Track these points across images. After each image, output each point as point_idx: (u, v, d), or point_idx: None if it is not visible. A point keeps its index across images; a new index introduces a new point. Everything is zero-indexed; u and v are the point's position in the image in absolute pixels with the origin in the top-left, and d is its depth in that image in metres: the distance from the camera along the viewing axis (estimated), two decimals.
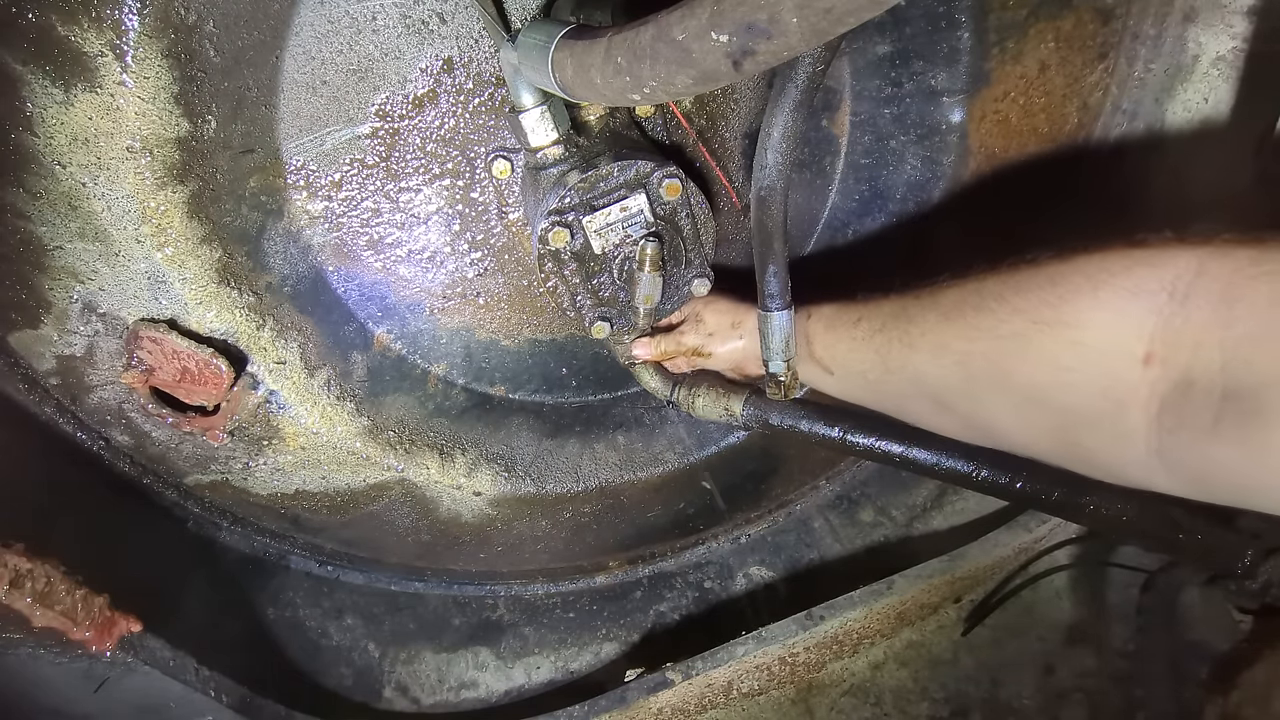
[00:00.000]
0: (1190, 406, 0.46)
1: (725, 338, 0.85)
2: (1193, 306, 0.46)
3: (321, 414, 0.86)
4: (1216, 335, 0.45)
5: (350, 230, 0.86)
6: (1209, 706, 0.93)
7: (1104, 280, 0.52)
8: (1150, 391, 0.48)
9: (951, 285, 0.64)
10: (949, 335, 0.62)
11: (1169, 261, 0.49)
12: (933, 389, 0.65)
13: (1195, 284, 0.46)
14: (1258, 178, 0.86)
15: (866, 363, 0.71)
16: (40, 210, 0.69)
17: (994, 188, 0.97)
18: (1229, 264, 0.46)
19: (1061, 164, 0.98)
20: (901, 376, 0.68)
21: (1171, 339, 0.47)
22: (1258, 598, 0.90)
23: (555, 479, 1.02)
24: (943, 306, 0.63)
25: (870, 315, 0.71)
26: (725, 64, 0.42)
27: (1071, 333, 0.52)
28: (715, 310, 0.86)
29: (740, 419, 0.87)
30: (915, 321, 0.65)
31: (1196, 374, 0.45)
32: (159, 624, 0.79)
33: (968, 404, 0.63)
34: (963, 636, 1.13)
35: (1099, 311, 0.51)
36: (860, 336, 0.71)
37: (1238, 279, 0.45)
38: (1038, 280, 0.56)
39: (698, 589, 1.21)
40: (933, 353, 0.63)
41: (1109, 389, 0.50)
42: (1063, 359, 0.53)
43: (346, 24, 0.76)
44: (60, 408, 0.82)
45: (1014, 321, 0.56)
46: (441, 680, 1.09)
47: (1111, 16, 0.89)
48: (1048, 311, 0.54)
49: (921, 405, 0.70)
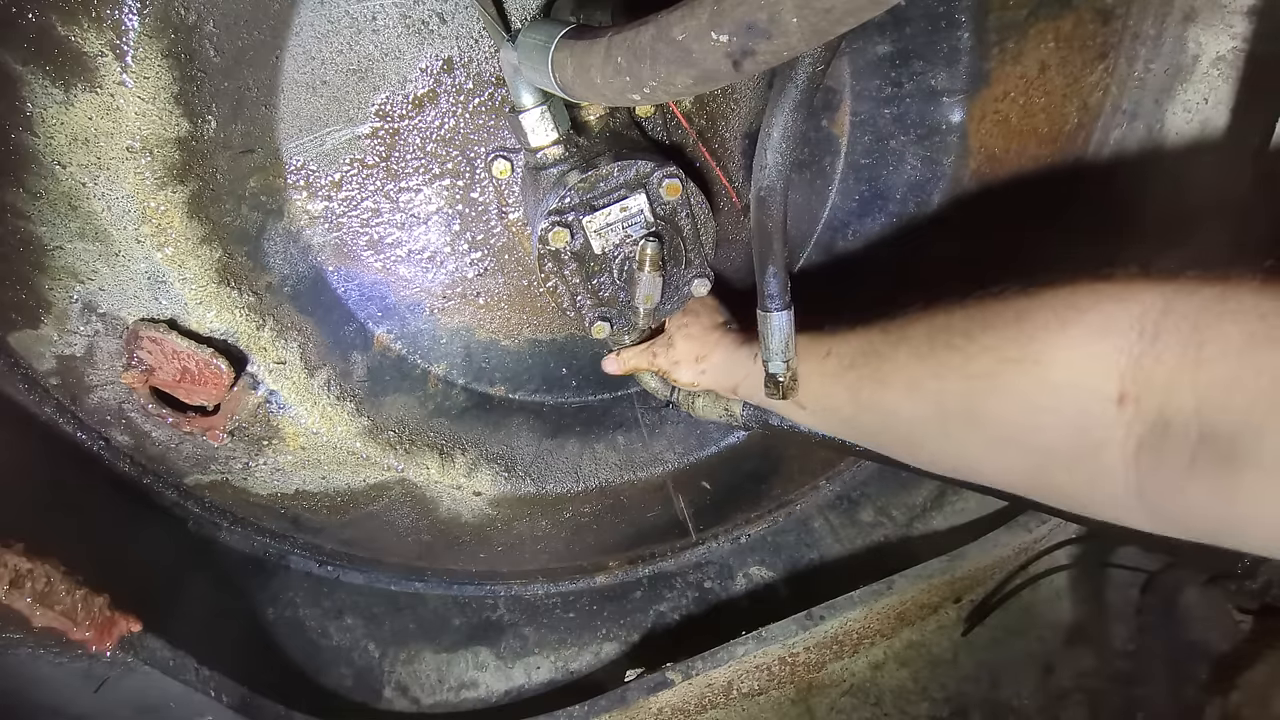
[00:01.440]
0: (1167, 448, 0.46)
1: (688, 368, 0.85)
2: (1162, 346, 0.46)
3: (321, 414, 0.86)
4: (1188, 378, 0.44)
5: (350, 230, 0.86)
6: (1209, 706, 0.93)
7: (1072, 318, 0.51)
8: (1127, 432, 0.48)
9: (920, 319, 0.63)
10: (920, 373, 0.61)
11: (1135, 297, 0.48)
12: (905, 428, 0.65)
13: (1163, 322, 0.46)
14: (1257, 178, 0.86)
15: (838, 399, 0.70)
16: (40, 210, 0.69)
17: (994, 188, 0.97)
18: (1195, 302, 0.46)
19: (1061, 164, 0.98)
20: (874, 414, 0.67)
21: (1144, 379, 0.46)
22: (1258, 598, 0.90)
23: (555, 479, 1.02)
24: (912, 342, 0.62)
25: (839, 349, 0.70)
26: (725, 64, 0.42)
27: (1041, 371, 0.52)
28: (686, 336, 0.86)
29: (740, 419, 0.87)
30: (886, 358, 0.65)
31: (1171, 415, 0.45)
32: (159, 624, 0.79)
33: (941, 443, 0.62)
34: (963, 636, 1.13)
35: (1068, 350, 0.51)
36: (830, 372, 0.70)
37: (1205, 319, 0.45)
38: (1005, 317, 0.56)
39: (698, 589, 1.21)
40: (905, 390, 0.62)
41: (1085, 429, 0.50)
42: (1035, 399, 0.52)
43: (346, 24, 0.76)
44: (60, 408, 0.82)
45: (982, 360, 0.56)
46: (441, 680, 1.09)
47: (1111, 16, 0.89)
48: (1015, 350, 0.53)
49: (895, 442, 0.69)
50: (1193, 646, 0.97)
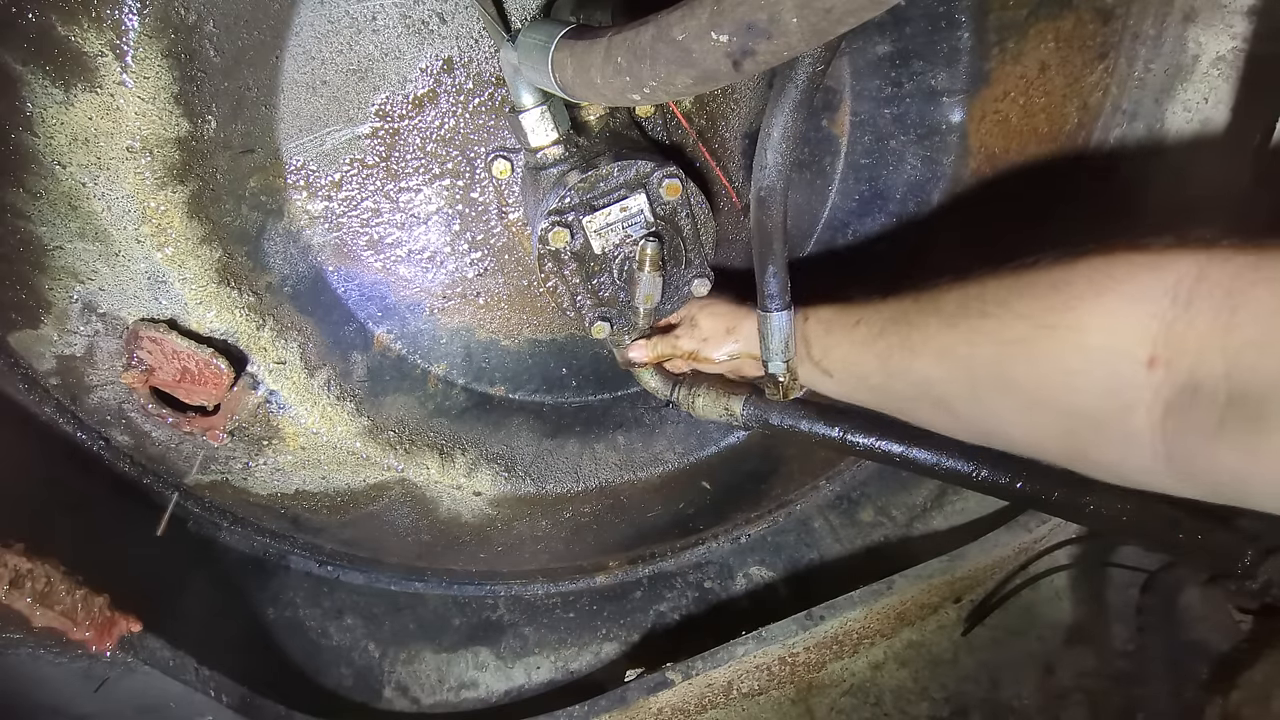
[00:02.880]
0: (1195, 410, 0.47)
1: (720, 342, 0.84)
2: (1195, 311, 0.47)
3: (321, 414, 0.86)
4: (1219, 341, 0.45)
5: (350, 230, 0.86)
6: (1209, 706, 0.93)
7: (1107, 285, 0.52)
8: (1155, 395, 0.49)
9: (952, 288, 0.64)
10: (952, 340, 0.62)
11: (1171, 266, 0.49)
12: (936, 392, 0.66)
13: (1197, 289, 0.47)
14: (1257, 178, 0.86)
15: (867, 366, 0.71)
16: (40, 210, 0.69)
17: (994, 188, 0.97)
18: (1230, 269, 0.47)
19: (1061, 164, 0.98)
20: (904, 380, 0.68)
21: (1175, 343, 0.47)
22: (1258, 598, 0.90)
23: (555, 479, 1.02)
24: (944, 311, 0.64)
25: (869, 318, 0.71)
26: (725, 64, 0.42)
27: (1076, 336, 0.53)
28: (711, 314, 0.86)
29: (740, 419, 0.87)
30: (917, 326, 0.66)
31: (1200, 378, 0.46)
32: (159, 624, 0.79)
33: (972, 407, 0.63)
34: (963, 636, 1.13)
35: (1103, 316, 0.52)
36: (860, 340, 0.71)
37: (1239, 285, 0.46)
38: (1041, 285, 0.57)
39: (698, 589, 1.21)
40: (936, 357, 0.64)
41: (1114, 391, 0.51)
42: (1068, 362, 0.53)
43: (346, 24, 0.76)
44: (60, 408, 0.82)
45: (1018, 326, 0.57)
46: (441, 680, 1.09)
47: (1111, 16, 0.89)
48: (1052, 316, 0.55)
49: (925, 408, 0.70)
50: (1193, 646, 0.97)
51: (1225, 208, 0.88)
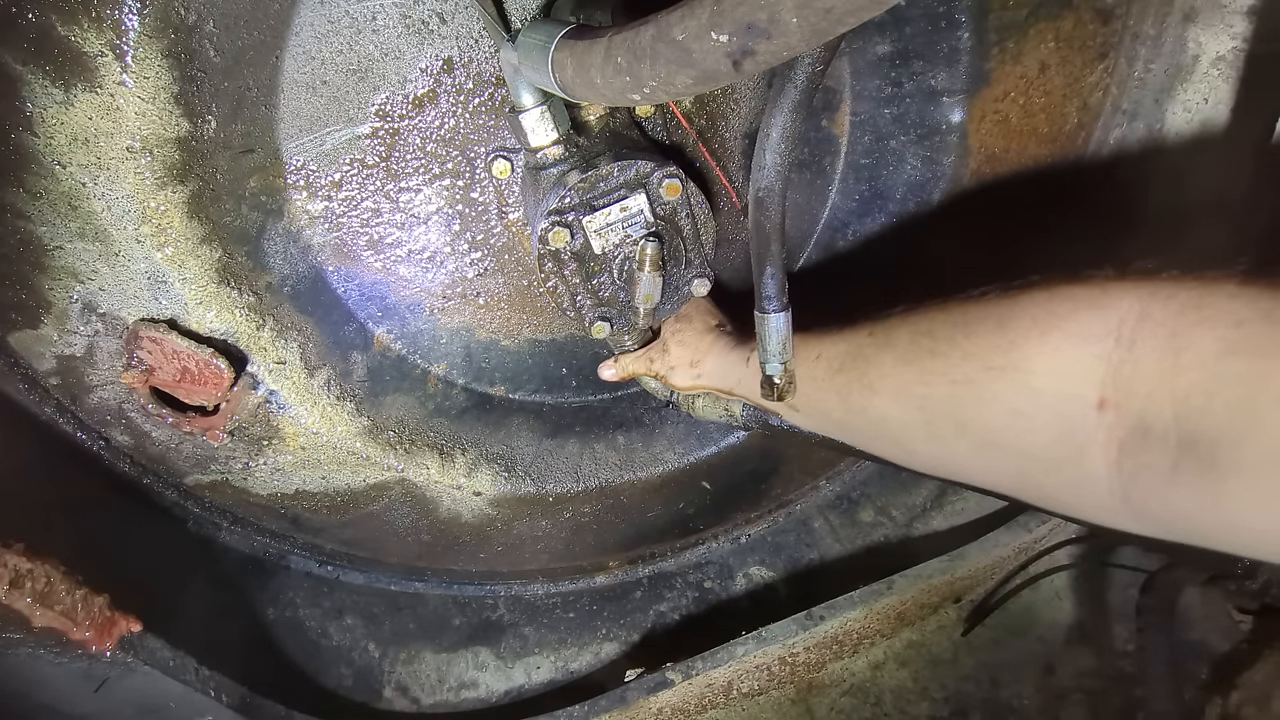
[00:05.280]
0: (1147, 453, 0.46)
1: (683, 372, 0.85)
2: (1140, 353, 0.46)
3: (321, 414, 0.86)
4: (1166, 384, 0.45)
5: (350, 230, 0.86)
6: (1209, 706, 0.93)
7: (1051, 324, 0.51)
8: (1108, 436, 0.48)
9: (905, 323, 0.64)
10: (906, 379, 0.61)
11: (1113, 303, 0.49)
12: (895, 432, 0.65)
13: (1140, 329, 0.46)
14: (1257, 178, 0.86)
15: (829, 403, 0.70)
16: (40, 210, 0.69)
17: (994, 188, 0.97)
18: (1172, 307, 0.46)
19: (1061, 164, 0.98)
20: (864, 418, 0.67)
21: (1123, 385, 0.47)
22: (1258, 598, 0.90)
23: (555, 479, 1.02)
24: (898, 348, 0.63)
25: (828, 353, 0.70)
26: (725, 64, 0.42)
27: (1023, 378, 0.52)
28: (679, 343, 0.86)
29: (740, 420, 0.87)
30: (873, 363, 0.65)
31: (1150, 421, 0.45)
32: (159, 624, 0.79)
33: (930, 447, 0.63)
34: (963, 636, 1.13)
35: (1049, 358, 0.51)
36: (820, 376, 0.70)
37: (1181, 325, 0.45)
38: (986, 323, 0.56)
39: (698, 589, 1.21)
40: (892, 397, 0.63)
41: (1066, 433, 0.50)
42: (1017, 404, 0.53)
43: (346, 24, 0.76)
44: (60, 408, 0.82)
45: (965, 366, 0.56)
46: (441, 680, 1.09)
47: (1111, 16, 0.89)
48: (998, 357, 0.54)
49: (885, 446, 0.69)
50: (1193, 646, 0.97)
51: (1225, 208, 0.88)
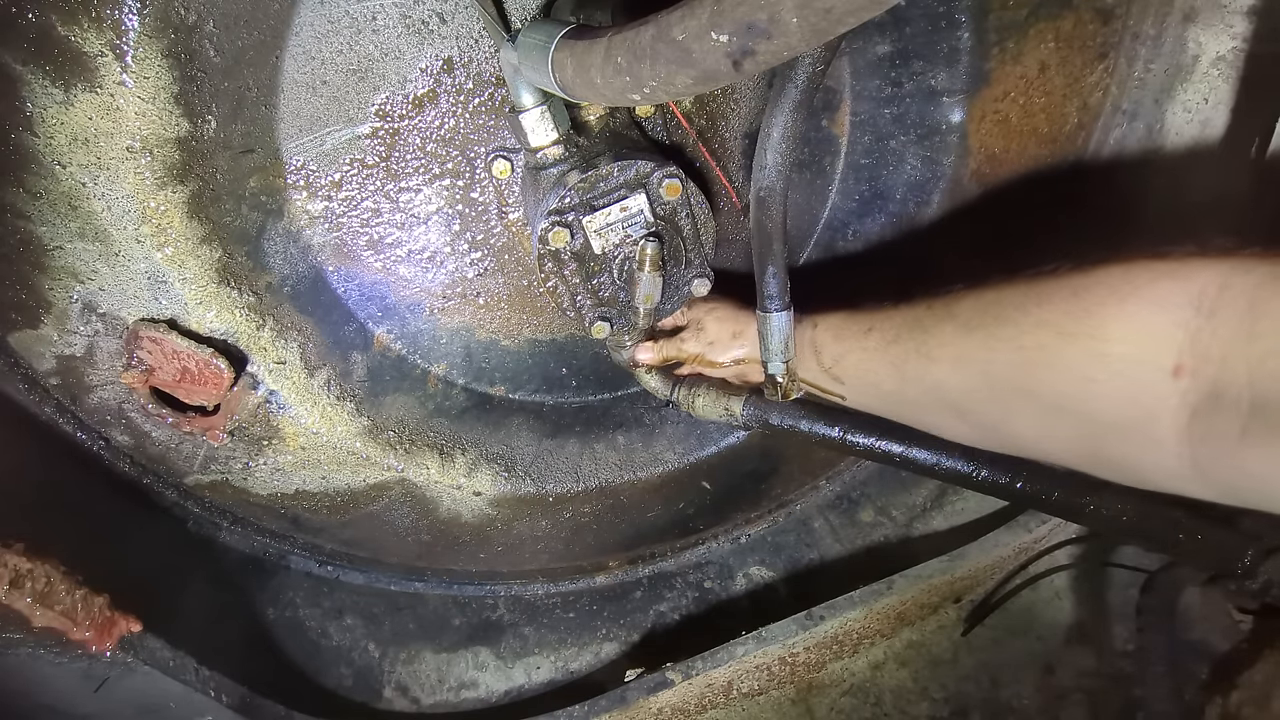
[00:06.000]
0: (1219, 417, 0.47)
1: (726, 346, 0.85)
2: (1219, 321, 0.47)
3: (321, 414, 0.86)
4: (1242, 350, 0.46)
5: (350, 230, 0.86)
6: (1209, 706, 0.93)
7: (1129, 293, 0.52)
8: (1180, 401, 0.49)
9: (968, 295, 0.64)
10: (969, 346, 0.62)
11: (1193, 275, 0.50)
12: (953, 399, 0.65)
13: (1220, 298, 0.48)
14: (1257, 178, 0.86)
15: (881, 373, 0.71)
16: (40, 210, 0.69)
17: (994, 188, 0.97)
18: (1252, 279, 0.47)
19: (1061, 164, 0.98)
20: (919, 387, 0.68)
21: (1200, 351, 0.48)
22: (1258, 598, 0.90)
23: (555, 479, 1.02)
24: (961, 317, 0.64)
25: (881, 325, 0.71)
26: (725, 64, 0.42)
27: (1098, 345, 0.53)
28: (716, 318, 0.86)
29: (740, 419, 0.87)
30: (932, 333, 0.66)
31: (1223, 387, 0.47)
32: (159, 624, 0.79)
33: (990, 413, 0.63)
34: (963, 636, 1.13)
35: (1126, 324, 0.52)
36: (873, 347, 0.71)
37: (1261, 294, 0.46)
38: (1061, 292, 0.57)
39: (698, 589, 1.21)
40: (953, 363, 0.64)
41: (1137, 399, 0.51)
42: (1089, 370, 0.54)
43: (346, 24, 0.76)
44: (60, 408, 0.82)
45: (1038, 333, 0.57)
46: (441, 680, 1.09)
47: (1111, 16, 0.89)
48: (1072, 324, 0.55)
49: (941, 415, 0.70)
50: (1193, 646, 0.97)
51: (1225, 208, 0.88)
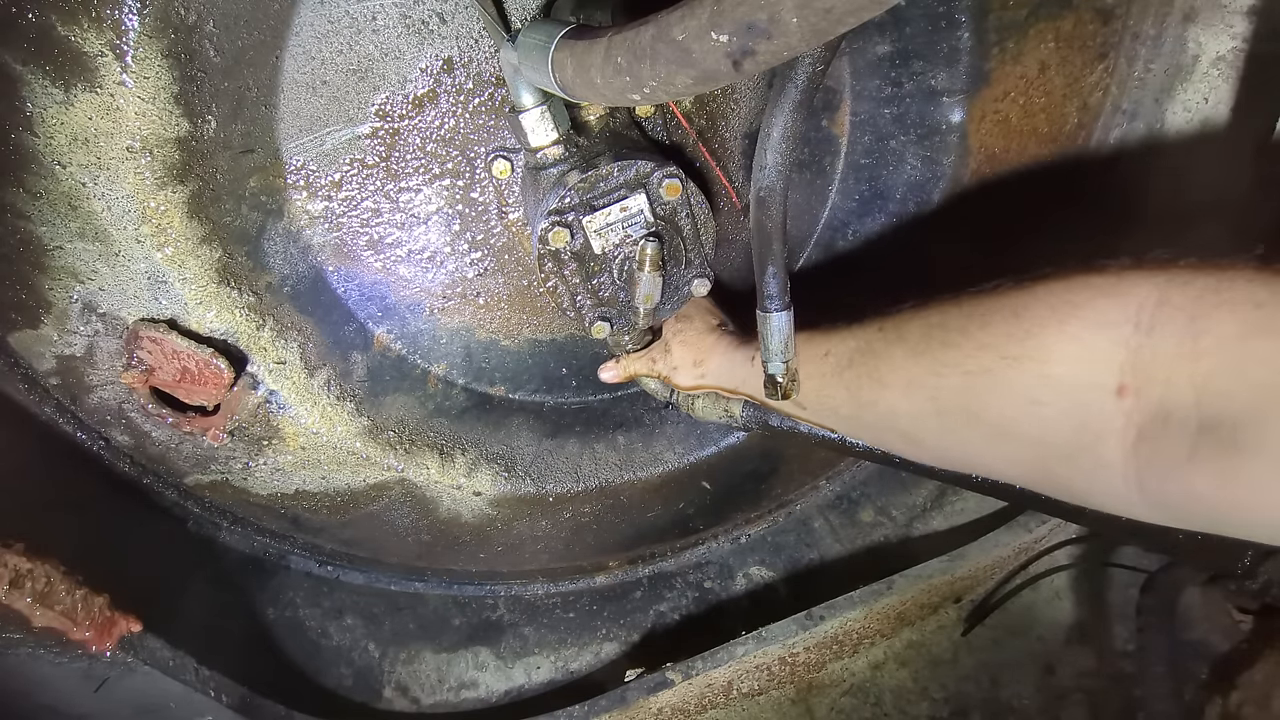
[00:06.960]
0: (1167, 439, 0.46)
1: (688, 373, 0.86)
2: (1159, 338, 0.46)
3: (321, 414, 0.86)
4: (1186, 368, 0.45)
5: (350, 230, 0.86)
6: (1209, 706, 0.93)
7: (1068, 313, 0.51)
8: (1126, 422, 0.48)
9: (916, 316, 0.63)
10: (917, 371, 0.61)
11: (1130, 291, 0.49)
12: (904, 427, 0.65)
13: (1159, 314, 0.46)
14: (1258, 178, 0.86)
15: (837, 399, 0.70)
16: (40, 210, 0.69)
17: (994, 188, 0.97)
18: (1190, 293, 0.46)
19: (1061, 164, 0.98)
20: (874, 412, 0.67)
21: (1143, 371, 0.47)
22: (1258, 598, 0.90)
23: (555, 479, 1.02)
24: (909, 341, 0.63)
25: (836, 349, 0.70)
26: (725, 64, 0.42)
27: (1040, 367, 0.52)
28: (681, 343, 0.87)
29: (740, 420, 0.87)
30: (883, 357, 0.65)
31: (1171, 406, 0.45)
32: (159, 624, 0.79)
33: (941, 438, 0.63)
34: (963, 636, 1.13)
35: (1067, 345, 0.51)
36: (829, 371, 0.70)
37: (1200, 309, 0.45)
38: (1001, 313, 0.56)
39: (698, 589, 1.21)
40: (903, 390, 0.63)
41: (1083, 422, 0.50)
42: (1034, 393, 0.53)
43: (346, 24, 0.76)
44: (60, 408, 0.82)
45: (981, 357, 0.56)
46: (441, 680, 1.09)
47: (1111, 16, 0.89)
48: (1014, 346, 0.54)
49: (894, 439, 0.69)
50: (1193, 646, 0.97)
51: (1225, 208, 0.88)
